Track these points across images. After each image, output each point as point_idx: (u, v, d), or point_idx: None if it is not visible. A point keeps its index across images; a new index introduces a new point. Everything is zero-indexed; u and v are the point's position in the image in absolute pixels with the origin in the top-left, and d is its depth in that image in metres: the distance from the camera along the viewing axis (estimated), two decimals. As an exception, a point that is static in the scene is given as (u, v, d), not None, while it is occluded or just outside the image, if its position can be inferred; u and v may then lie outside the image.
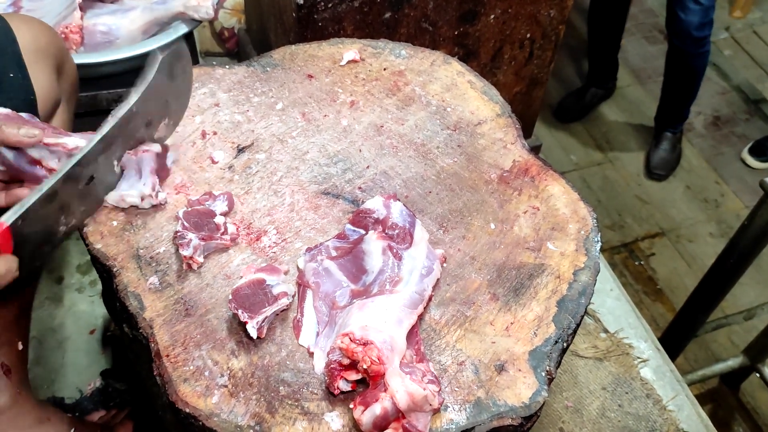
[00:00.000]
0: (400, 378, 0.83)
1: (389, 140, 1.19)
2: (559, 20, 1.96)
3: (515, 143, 1.20)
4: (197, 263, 0.98)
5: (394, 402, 0.81)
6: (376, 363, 0.83)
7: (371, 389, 0.84)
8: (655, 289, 2.75)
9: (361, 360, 0.83)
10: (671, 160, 3.13)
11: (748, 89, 3.53)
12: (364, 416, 0.81)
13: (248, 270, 0.96)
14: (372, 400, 0.82)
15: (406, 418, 0.82)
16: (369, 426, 0.82)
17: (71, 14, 1.66)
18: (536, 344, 0.95)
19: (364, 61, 1.30)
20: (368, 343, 0.84)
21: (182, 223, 0.99)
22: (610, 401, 1.51)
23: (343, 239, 1.01)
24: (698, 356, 2.53)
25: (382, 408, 0.81)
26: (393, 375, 0.83)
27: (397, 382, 0.82)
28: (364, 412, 0.81)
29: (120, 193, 1.03)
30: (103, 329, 1.64)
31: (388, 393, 0.81)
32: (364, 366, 0.83)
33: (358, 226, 1.01)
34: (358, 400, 0.83)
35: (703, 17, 2.66)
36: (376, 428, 0.82)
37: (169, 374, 0.88)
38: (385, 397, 0.81)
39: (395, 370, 0.84)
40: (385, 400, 0.81)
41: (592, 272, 1.03)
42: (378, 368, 0.83)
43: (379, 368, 0.83)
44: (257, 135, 1.17)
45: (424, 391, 0.82)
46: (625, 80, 3.51)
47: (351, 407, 0.83)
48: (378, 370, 0.83)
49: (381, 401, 0.81)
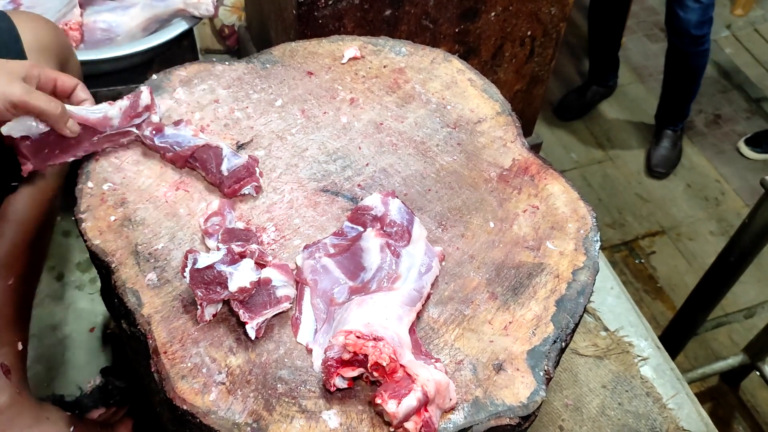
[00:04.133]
0: (425, 368, 0.84)
1: (389, 138, 1.18)
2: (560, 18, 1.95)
3: (515, 142, 1.19)
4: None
5: (424, 392, 0.81)
6: (393, 358, 0.83)
7: (392, 383, 0.83)
8: (655, 287, 2.74)
9: (375, 356, 0.83)
10: (672, 158, 3.13)
11: (749, 87, 3.53)
12: (400, 409, 0.81)
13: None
14: (404, 393, 0.81)
15: (427, 411, 0.83)
16: (401, 419, 0.81)
17: (71, 11, 1.66)
18: (534, 344, 0.95)
19: (364, 59, 1.30)
20: (379, 339, 0.84)
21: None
22: (610, 399, 1.51)
23: (341, 236, 1.00)
24: (698, 354, 2.53)
25: (416, 399, 0.81)
26: (417, 366, 0.84)
27: (424, 372, 0.83)
28: (400, 405, 0.81)
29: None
30: (102, 327, 1.64)
31: (419, 383, 0.82)
32: (382, 362, 0.83)
33: (357, 223, 1.01)
34: (386, 395, 0.82)
35: (702, 15, 2.65)
36: (404, 420, 0.82)
37: (166, 371, 0.88)
38: (417, 387, 0.81)
39: (415, 362, 0.85)
40: (417, 391, 0.81)
41: (591, 272, 1.03)
42: (395, 364, 0.83)
43: (395, 364, 0.83)
44: (256, 132, 1.17)
45: (448, 379, 0.84)
46: (625, 78, 3.50)
47: (378, 402, 0.82)
48: (394, 366, 0.83)
49: (414, 392, 0.81)
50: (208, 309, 0.91)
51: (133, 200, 1.06)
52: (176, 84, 1.21)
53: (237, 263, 0.90)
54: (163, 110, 1.17)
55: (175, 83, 1.22)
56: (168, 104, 1.18)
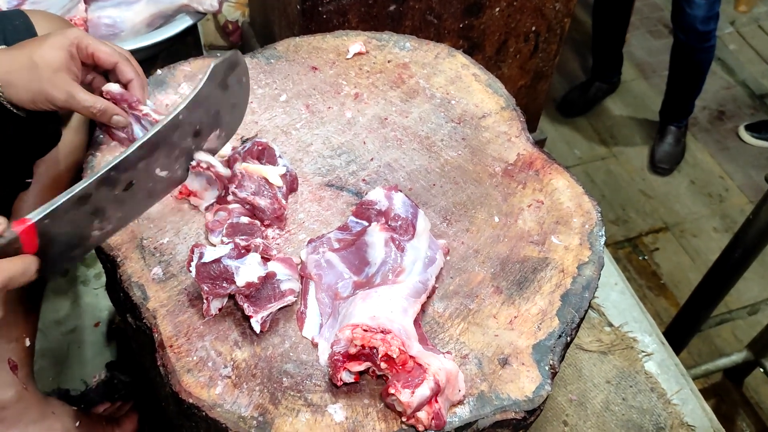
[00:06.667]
0: (435, 358, 0.84)
1: (393, 133, 1.18)
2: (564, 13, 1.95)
3: (520, 136, 1.19)
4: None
5: (436, 381, 0.82)
6: (402, 350, 0.83)
7: (404, 373, 0.84)
8: (658, 283, 2.74)
9: (385, 348, 0.83)
10: (675, 154, 3.12)
11: (753, 84, 3.52)
12: (414, 398, 0.81)
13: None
14: (417, 382, 0.82)
15: (437, 403, 0.83)
16: (415, 408, 0.82)
17: (75, 7, 1.66)
18: (540, 338, 0.95)
19: (368, 54, 1.30)
20: (387, 331, 0.84)
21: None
22: (614, 395, 1.51)
23: (346, 231, 1.01)
24: (702, 351, 2.53)
25: (429, 388, 0.82)
26: (428, 356, 0.84)
27: (435, 362, 0.83)
28: (414, 394, 0.81)
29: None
30: (108, 322, 1.64)
31: (430, 373, 0.82)
32: (392, 354, 0.83)
33: (361, 217, 1.01)
34: (399, 385, 0.82)
35: (708, 11, 2.65)
36: (416, 411, 0.83)
37: (172, 365, 0.88)
38: (429, 377, 0.82)
39: (425, 352, 0.85)
40: (430, 380, 0.82)
41: (596, 266, 1.03)
42: (404, 356, 0.84)
43: (405, 355, 0.84)
44: (261, 126, 1.17)
45: (458, 368, 0.85)
46: (629, 74, 3.49)
47: (391, 392, 0.82)
48: (404, 358, 0.84)
49: (427, 381, 0.82)
50: (213, 303, 0.91)
51: (138, 195, 1.06)
52: (181, 79, 1.22)
53: (243, 257, 0.90)
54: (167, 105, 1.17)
55: (179, 78, 1.22)
56: (172, 99, 1.18)
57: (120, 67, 1.05)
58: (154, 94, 1.18)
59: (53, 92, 0.97)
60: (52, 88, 0.96)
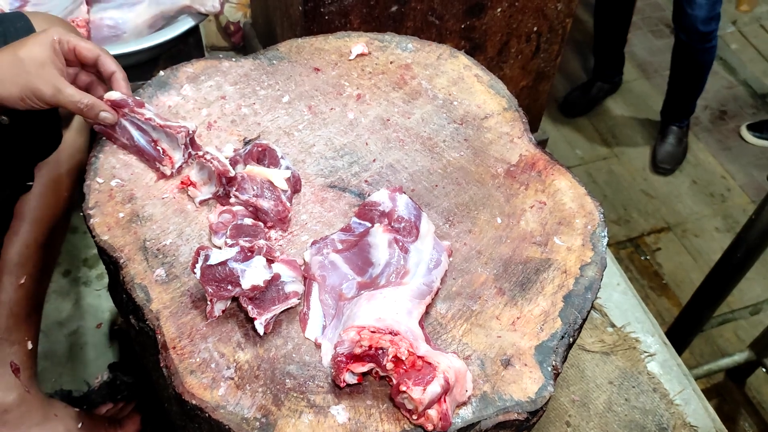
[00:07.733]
0: (444, 356, 0.84)
1: (396, 134, 1.18)
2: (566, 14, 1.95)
3: (522, 137, 1.19)
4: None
5: (446, 378, 0.82)
6: (411, 351, 0.84)
7: (414, 372, 0.84)
8: (660, 284, 2.74)
9: (394, 350, 0.83)
10: (677, 154, 3.12)
11: (755, 83, 3.52)
12: (425, 395, 0.81)
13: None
14: (428, 380, 0.82)
15: (445, 402, 0.83)
16: (426, 405, 0.82)
17: (78, 8, 1.66)
18: (542, 339, 0.95)
19: (370, 55, 1.30)
20: (395, 333, 0.84)
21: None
22: (616, 395, 1.51)
23: (349, 232, 1.01)
24: (704, 351, 2.53)
25: (440, 386, 0.82)
26: (436, 355, 0.84)
27: (445, 360, 0.84)
28: (426, 391, 0.81)
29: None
30: (110, 323, 1.65)
31: (440, 371, 0.82)
32: (401, 356, 0.83)
33: (364, 219, 1.01)
34: (410, 382, 0.82)
35: (709, 11, 2.65)
36: (428, 407, 0.83)
37: (175, 366, 0.88)
38: (439, 374, 0.82)
39: (433, 351, 0.85)
40: (440, 378, 0.82)
41: (599, 267, 1.03)
42: (413, 357, 0.84)
43: (414, 357, 0.84)
44: (264, 128, 1.17)
45: (466, 367, 0.85)
46: (631, 74, 3.49)
47: (403, 390, 0.83)
48: (413, 360, 0.84)
49: (437, 379, 0.82)
50: (217, 305, 0.91)
51: (141, 196, 1.06)
52: (183, 80, 1.22)
53: (249, 260, 0.90)
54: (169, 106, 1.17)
55: (182, 80, 1.22)
56: (175, 101, 1.18)
57: (102, 60, 1.06)
58: (156, 95, 1.19)
59: (41, 86, 0.97)
60: (39, 82, 0.97)
